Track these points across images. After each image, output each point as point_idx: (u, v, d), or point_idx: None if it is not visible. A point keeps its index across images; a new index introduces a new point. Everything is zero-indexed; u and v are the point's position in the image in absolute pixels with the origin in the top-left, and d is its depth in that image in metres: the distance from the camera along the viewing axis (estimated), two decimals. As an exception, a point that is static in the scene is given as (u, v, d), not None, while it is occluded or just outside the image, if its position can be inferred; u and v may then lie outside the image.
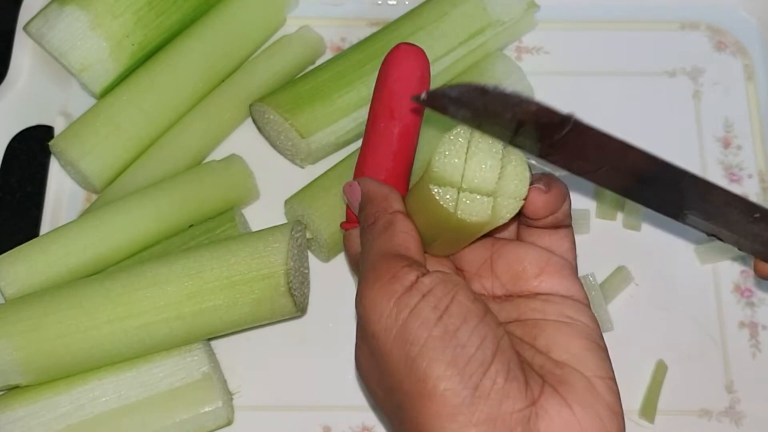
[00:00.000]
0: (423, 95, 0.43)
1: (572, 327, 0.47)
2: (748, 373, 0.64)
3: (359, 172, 0.54)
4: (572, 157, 0.45)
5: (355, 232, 0.53)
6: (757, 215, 0.48)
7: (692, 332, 0.65)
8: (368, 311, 0.46)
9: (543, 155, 0.45)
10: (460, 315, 0.44)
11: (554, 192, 0.48)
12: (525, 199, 0.46)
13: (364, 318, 0.46)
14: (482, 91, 0.42)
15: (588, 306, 0.49)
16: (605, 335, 0.64)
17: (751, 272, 0.67)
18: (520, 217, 0.50)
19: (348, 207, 0.56)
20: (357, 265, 0.53)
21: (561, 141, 0.43)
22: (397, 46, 0.53)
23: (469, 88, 0.42)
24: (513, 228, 0.52)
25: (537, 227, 0.50)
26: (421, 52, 0.52)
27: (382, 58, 0.68)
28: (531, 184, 0.47)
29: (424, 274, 0.46)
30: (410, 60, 0.52)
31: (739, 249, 0.51)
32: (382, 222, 0.50)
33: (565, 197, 0.49)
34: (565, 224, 0.50)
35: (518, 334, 0.47)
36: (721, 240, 0.51)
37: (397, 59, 0.52)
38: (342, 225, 0.56)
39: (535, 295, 0.49)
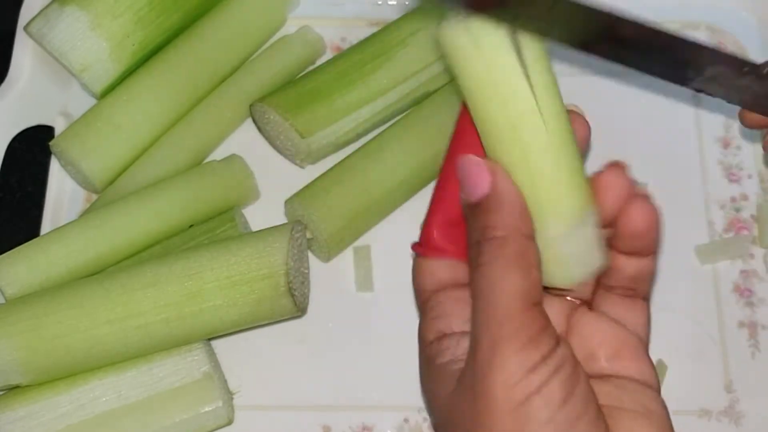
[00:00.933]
0: None
1: (649, 419, 0.45)
2: (748, 373, 0.64)
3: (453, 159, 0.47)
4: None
5: (433, 265, 0.48)
6: (746, 69, 0.49)
7: (692, 332, 0.65)
8: (494, 369, 0.42)
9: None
10: (584, 402, 0.42)
11: (653, 209, 0.46)
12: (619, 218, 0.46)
13: (485, 371, 0.42)
14: None
15: (659, 391, 0.47)
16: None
17: (751, 270, 0.67)
18: (599, 279, 0.48)
19: (430, 229, 0.48)
20: (425, 299, 0.48)
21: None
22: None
23: None
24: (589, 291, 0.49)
25: (616, 289, 0.48)
26: None
27: (382, 58, 0.68)
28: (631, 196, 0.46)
29: (558, 343, 0.42)
30: None
31: (728, 101, 0.52)
32: (515, 246, 0.43)
33: (658, 226, 0.46)
34: (643, 292, 0.48)
35: None
36: (709, 94, 0.51)
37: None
38: (414, 247, 0.49)
39: (608, 378, 0.46)
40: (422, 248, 0.49)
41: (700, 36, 0.75)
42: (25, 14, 0.71)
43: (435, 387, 0.46)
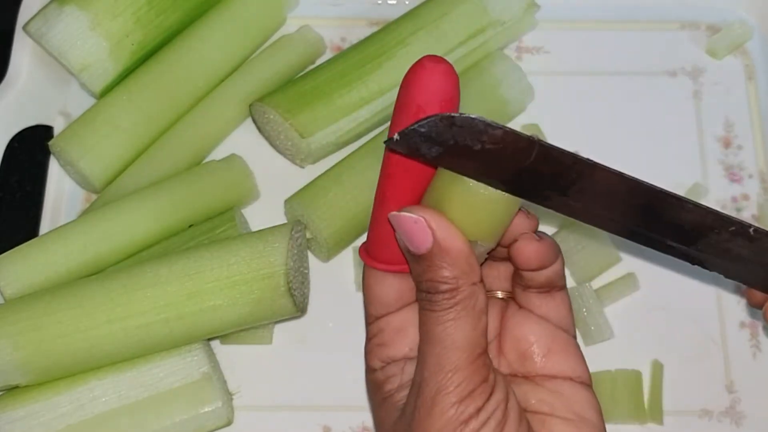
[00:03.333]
0: (396, 137, 0.42)
1: (579, 427, 0.47)
2: (749, 374, 0.64)
3: (386, 200, 0.47)
4: (544, 186, 0.45)
5: (383, 277, 0.49)
6: (733, 228, 0.46)
7: (693, 332, 0.65)
8: (434, 416, 0.44)
9: (511, 186, 0.45)
10: None
11: (546, 243, 0.47)
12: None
13: (424, 415, 0.45)
14: (449, 121, 0.42)
15: (590, 385, 0.49)
16: (604, 343, 0.65)
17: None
18: (515, 278, 0.49)
19: (378, 234, 0.48)
20: (370, 321, 0.50)
21: (530, 168, 0.43)
22: (420, 62, 0.45)
23: (436, 119, 0.42)
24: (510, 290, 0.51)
25: (532, 288, 0.49)
26: (450, 69, 0.44)
27: (382, 58, 0.68)
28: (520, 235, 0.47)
29: (492, 391, 0.45)
30: (438, 79, 0.44)
31: (728, 277, 0.50)
32: (464, 296, 0.45)
33: (557, 252, 0.48)
34: (559, 285, 0.50)
35: None
36: (707, 269, 0.49)
37: (423, 78, 0.44)
38: (363, 255, 0.49)
39: (543, 380, 0.48)
40: (369, 257, 0.49)
41: (701, 36, 0.75)
42: (24, 14, 0.71)
43: (381, 413, 0.49)
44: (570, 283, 0.66)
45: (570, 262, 0.66)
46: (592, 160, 0.44)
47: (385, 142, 0.44)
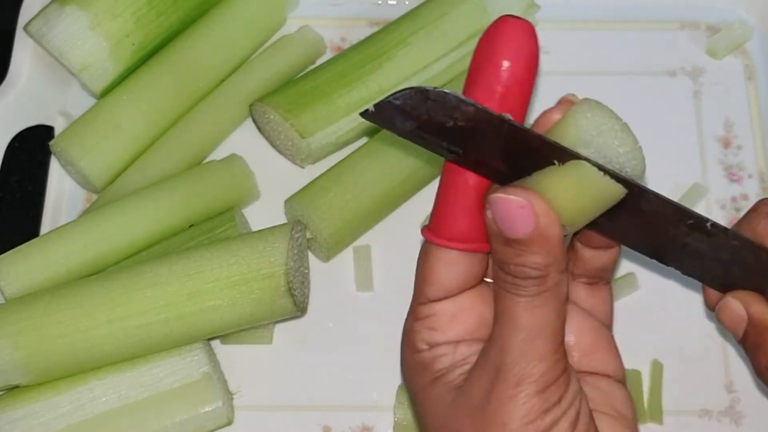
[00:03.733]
0: (371, 107, 0.42)
1: (620, 423, 0.47)
2: (749, 373, 0.64)
3: (463, 172, 0.45)
4: (512, 168, 0.44)
5: (451, 258, 0.46)
6: (690, 222, 0.46)
7: (692, 332, 0.65)
8: (516, 404, 0.43)
9: (482, 162, 0.44)
10: None
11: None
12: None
13: (505, 402, 0.44)
14: (424, 95, 0.41)
15: (625, 384, 0.49)
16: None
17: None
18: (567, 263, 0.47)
19: (447, 218, 0.46)
20: (421, 301, 0.47)
21: (502, 146, 0.43)
22: (503, 19, 0.43)
23: (411, 91, 0.42)
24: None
25: (583, 277, 0.49)
26: (531, 28, 0.43)
27: (382, 58, 0.68)
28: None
29: (569, 382, 0.44)
30: (523, 39, 0.43)
31: (682, 272, 0.49)
32: (553, 283, 0.43)
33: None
34: (607, 278, 0.49)
35: None
36: (663, 262, 0.49)
37: (506, 37, 0.43)
38: (426, 233, 0.46)
39: (583, 375, 0.48)
40: (434, 236, 0.46)
41: (701, 36, 0.75)
42: (24, 14, 0.71)
43: (431, 395, 0.47)
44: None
45: (570, 262, 0.67)
46: (558, 144, 0.42)
47: (360, 113, 0.43)
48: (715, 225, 0.46)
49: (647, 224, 0.46)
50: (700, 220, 0.45)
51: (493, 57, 0.43)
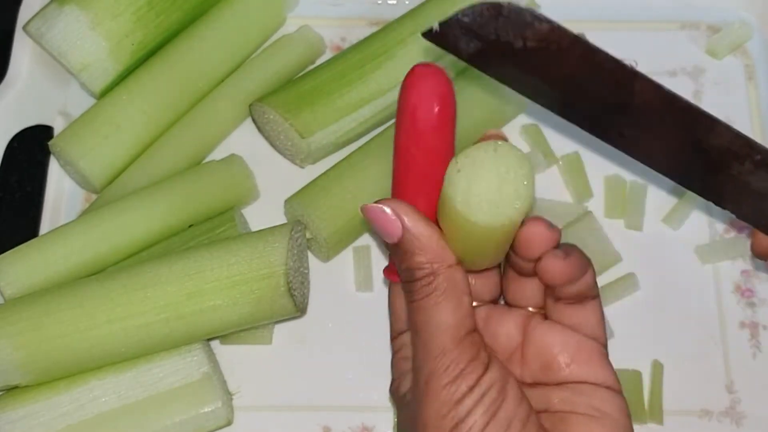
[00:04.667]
0: (435, 26, 0.42)
1: (600, 422, 0.47)
2: (749, 374, 0.64)
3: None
4: (577, 88, 0.43)
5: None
6: (759, 158, 0.45)
7: (693, 332, 0.65)
8: (428, 401, 0.45)
9: (546, 92, 0.44)
10: (506, 421, 0.45)
11: (572, 259, 0.47)
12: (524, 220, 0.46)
13: (420, 402, 0.46)
14: (496, 10, 0.40)
15: (620, 391, 0.49)
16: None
17: (752, 270, 0.67)
18: (547, 291, 0.50)
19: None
20: (393, 336, 0.52)
21: (569, 71, 0.42)
22: (412, 70, 0.47)
23: (483, 7, 0.41)
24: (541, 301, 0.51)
25: (563, 300, 0.49)
26: (440, 73, 0.47)
27: (382, 58, 0.68)
28: (548, 249, 0.47)
29: (486, 369, 0.45)
30: (429, 81, 0.46)
31: (737, 216, 0.48)
32: (442, 280, 0.46)
33: (586, 266, 0.48)
34: (591, 296, 0.50)
35: (547, 425, 0.47)
36: (704, 196, 0.48)
37: (414, 82, 0.47)
38: (386, 273, 0.52)
39: (565, 384, 0.48)
40: (391, 274, 0.51)
41: (701, 36, 0.75)
42: (24, 13, 0.71)
43: (401, 416, 0.50)
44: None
45: (570, 262, 0.66)
46: (633, 69, 0.42)
47: (423, 33, 0.43)
48: None
49: (710, 161, 0.45)
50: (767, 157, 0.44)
51: (407, 104, 0.46)
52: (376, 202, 0.46)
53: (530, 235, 0.47)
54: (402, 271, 0.47)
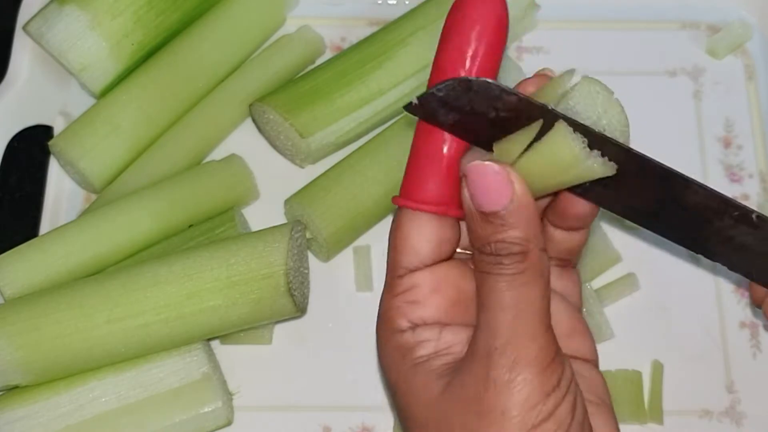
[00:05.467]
0: (414, 100, 0.42)
1: (606, 411, 0.46)
2: (749, 374, 0.64)
3: (436, 132, 0.45)
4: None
5: (422, 222, 0.45)
6: (736, 213, 0.45)
7: (693, 332, 0.65)
8: (514, 389, 0.41)
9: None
10: (582, 418, 0.43)
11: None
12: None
13: (502, 388, 0.42)
14: (467, 85, 0.41)
15: (598, 366, 0.48)
16: (604, 343, 0.64)
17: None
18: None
19: (419, 180, 0.45)
20: (400, 273, 0.46)
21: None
22: None
23: (454, 82, 0.42)
24: None
25: (553, 259, 0.48)
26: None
27: (382, 58, 0.68)
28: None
29: (564, 364, 0.43)
30: (491, 5, 0.44)
31: (729, 268, 0.48)
32: (535, 259, 0.42)
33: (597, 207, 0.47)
34: (575, 261, 0.49)
35: None
36: (694, 251, 0.48)
37: (475, 3, 0.44)
38: (400, 200, 0.46)
39: None
40: (409, 201, 0.46)
41: (701, 36, 0.75)
42: (24, 13, 0.71)
43: (413, 384, 0.44)
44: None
45: (570, 262, 0.67)
46: (603, 134, 0.42)
47: (404, 107, 0.43)
48: (760, 217, 0.45)
49: (690, 218, 0.45)
50: (745, 212, 0.45)
51: (464, 22, 0.44)
52: (478, 161, 0.42)
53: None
54: (489, 243, 0.42)
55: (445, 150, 0.45)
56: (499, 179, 0.41)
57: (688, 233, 0.47)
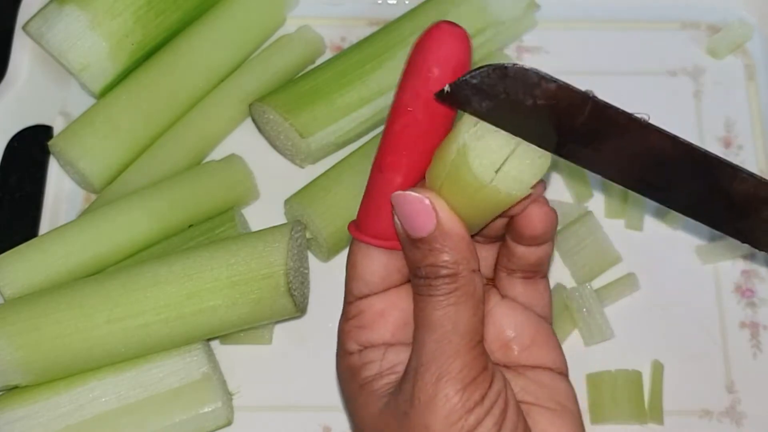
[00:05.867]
0: (446, 88, 0.42)
1: (564, 418, 0.47)
2: (749, 374, 0.64)
3: (386, 169, 0.46)
4: (591, 141, 0.43)
5: (371, 253, 0.48)
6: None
7: (693, 332, 0.65)
8: (437, 404, 0.43)
9: (562, 143, 0.44)
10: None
11: (551, 211, 0.47)
12: (529, 195, 0.45)
13: (426, 403, 0.43)
14: (502, 73, 0.41)
15: (567, 376, 0.49)
16: (604, 343, 0.64)
17: (752, 270, 0.67)
18: (502, 261, 0.49)
19: (370, 207, 0.48)
20: (350, 300, 0.48)
21: (581, 125, 0.43)
22: (437, 26, 0.44)
23: (488, 69, 0.41)
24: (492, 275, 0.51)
25: (518, 273, 0.49)
26: (464, 35, 0.44)
27: (382, 58, 0.68)
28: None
29: (492, 379, 0.44)
30: (452, 43, 0.43)
31: (758, 248, 0.48)
32: (465, 282, 0.44)
33: (556, 225, 0.48)
34: (543, 271, 0.50)
35: None
36: (738, 239, 0.48)
37: (437, 41, 0.44)
38: (352, 228, 0.49)
39: (523, 370, 0.48)
40: (360, 234, 0.48)
41: (701, 36, 0.75)
42: (23, 13, 0.71)
43: (358, 403, 0.47)
44: (570, 283, 0.66)
45: (570, 262, 0.66)
46: (646, 121, 0.42)
47: (436, 94, 0.43)
48: None
49: (736, 207, 0.45)
50: None
51: (423, 63, 0.43)
52: (408, 190, 0.44)
53: (542, 215, 0.46)
54: (420, 267, 0.44)
55: (396, 186, 0.46)
56: (421, 207, 0.43)
57: (735, 222, 0.46)
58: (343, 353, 0.48)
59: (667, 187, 0.46)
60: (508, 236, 0.49)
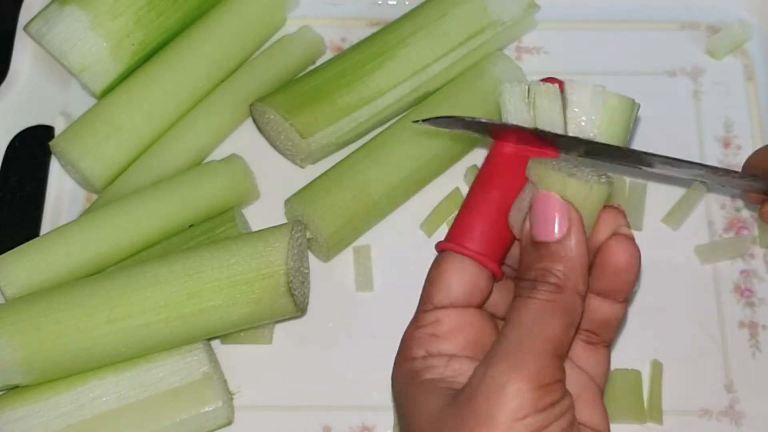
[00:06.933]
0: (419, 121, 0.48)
1: None
2: (748, 373, 0.64)
3: (492, 190, 0.49)
4: None
5: (464, 265, 0.48)
6: (721, 173, 0.51)
7: (692, 332, 0.65)
8: (508, 395, 0.42)
9: None
10: None
11: (635, 247, 0.47)
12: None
13: (496, 392, 0.42)
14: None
15: None
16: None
17: (752, 270, 0.67)
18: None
19: (470, 223, 0.49)
20: (427, 309, 0.48)
21: None
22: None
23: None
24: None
25: (583, 332, 0.49)
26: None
27: (383, 58, 0.68)
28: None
29: (564, 394, 0.44)
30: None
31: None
32: (569, 299, 0.44)
33: (638, 264, 0.48)
34: (608, 338, 0.49)
35: None
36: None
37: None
38: (444, 245, 0.49)
39: None
40: (452, 244, 0.48)
41: (701, 36, 0.75)
42: (24, 14, 0.71)
43: (417, 401, 0.46)
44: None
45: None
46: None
47: (413, 121, 0.49)
48: None
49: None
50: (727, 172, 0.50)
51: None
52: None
53: (626, 244, 0.47)
54: (532, 270, 0.45)
55: (496, 209, 0.48)
56: (561, 212, 0.45)
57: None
58: (404, 358, 0.48)
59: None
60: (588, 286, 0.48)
